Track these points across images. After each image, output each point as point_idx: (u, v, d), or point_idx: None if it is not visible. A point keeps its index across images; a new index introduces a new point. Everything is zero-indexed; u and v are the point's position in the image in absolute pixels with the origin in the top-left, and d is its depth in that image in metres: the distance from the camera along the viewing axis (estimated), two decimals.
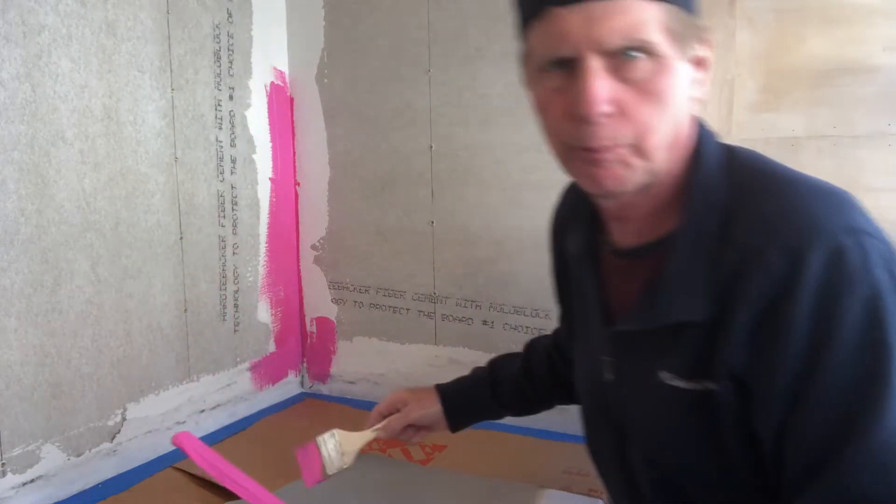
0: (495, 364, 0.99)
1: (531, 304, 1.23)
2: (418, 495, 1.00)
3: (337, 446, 0.89)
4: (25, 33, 0.93)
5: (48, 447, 0.99)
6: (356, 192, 1.37)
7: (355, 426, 1.23)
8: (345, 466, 0.89)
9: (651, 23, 0.54)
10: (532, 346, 0.99)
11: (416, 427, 0.94)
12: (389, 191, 1.34)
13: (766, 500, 0.57)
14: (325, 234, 1.42)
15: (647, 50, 0.54)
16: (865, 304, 0.51)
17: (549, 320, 1.21)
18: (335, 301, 1.43)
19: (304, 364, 1.48)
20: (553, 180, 1.17)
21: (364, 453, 1.15)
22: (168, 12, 1.13)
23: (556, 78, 0.58)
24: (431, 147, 1.29)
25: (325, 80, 1.38)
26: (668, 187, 0.61)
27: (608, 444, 0.72)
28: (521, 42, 0.62)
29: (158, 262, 1.13)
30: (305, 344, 1.48)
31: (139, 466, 1.10)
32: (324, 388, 1.47)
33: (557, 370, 0.96)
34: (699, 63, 0.59)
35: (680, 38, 0.56)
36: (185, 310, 1.19)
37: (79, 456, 1.03)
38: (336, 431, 0.89)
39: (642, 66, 0.55)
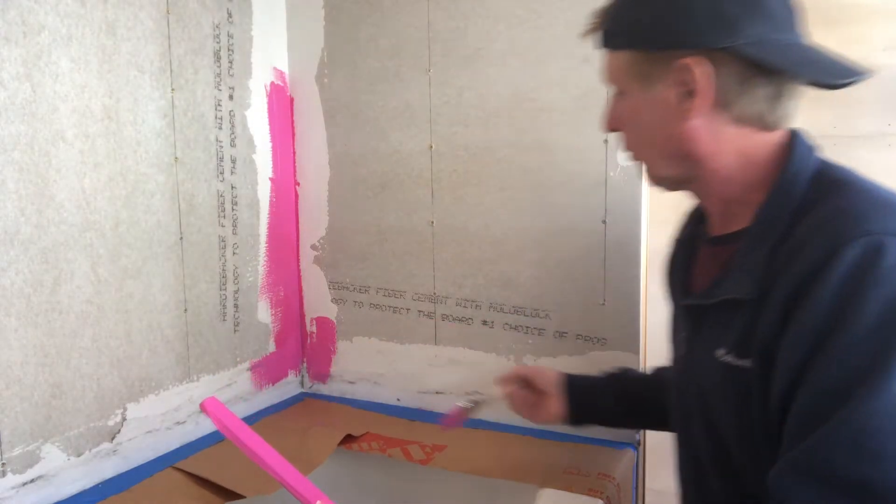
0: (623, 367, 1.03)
1: (531, 304, 1.23)
2: (418, 495, 1.00)
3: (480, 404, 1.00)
4: (25, 33, 0.93)
5: (48, 447, 0.99)
6: (356, 192, 1.37)
7: (356, 426, 1.24)
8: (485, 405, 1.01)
9: (615, 68, 0.72)
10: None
11: (531, 389, 0.99)
12: (389, 191, 1.34)
13: None
14: (325, 234, 1.42)
15: (616, 87, 0.74)
16: (887, 303, 0.55)
17: (548, 320, 1.21)
18: (335, 301, 1.43)
19: (304, 364, 1.48)
20: (553, 180, 1.18)
21: (364, 453, 1.15)
22: (168, 12, 1.13)
23: None
24: (431, 147, 1.29)
25: (325, 80, 1.38)
26: (731, 187, 0.70)
27: (682, 419, 0.78)
28: None
29: (158, 262, 1.13)
30: (305, 344, 1.48)
31: (139, 466, 1.10)
32: (324, 388, 1.47)
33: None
34: (682, 85, 0.67)
35: (637, 75, 0.70)
36: (185, 310, 1.19)
37: (79, 456, 1.03)
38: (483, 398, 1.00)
39: (619, 100, 0.74)
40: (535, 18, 1.17)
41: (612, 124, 0.77)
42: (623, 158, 1.12)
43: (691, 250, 0.81)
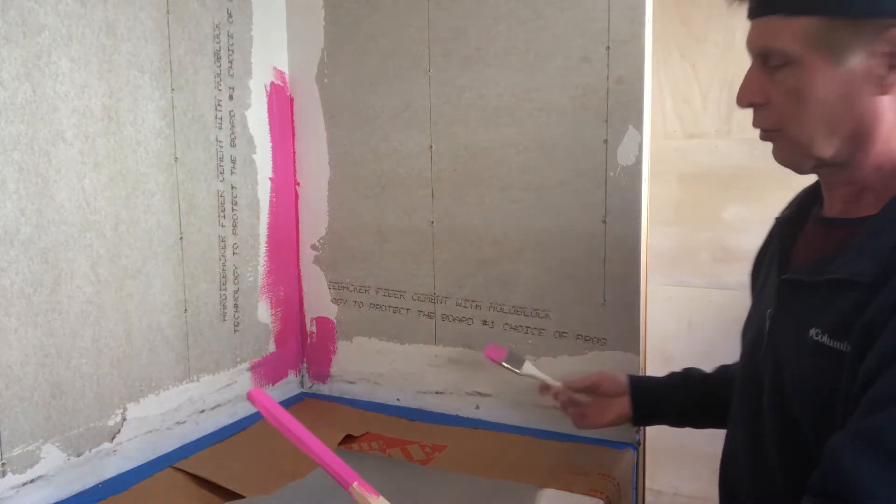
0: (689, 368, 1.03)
1: (531, 304, 1.23)
2: (418, 495, 1.00)
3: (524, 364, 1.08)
4: (25, 33, 0.93)
5: (48, 447, 0.99)
6: (356, 192, 1.37)
7: (355, 426, 1.24)
8: (517, 370, 1.07)
9: (787, 34, 0.65)
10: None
11: (595, 393, 1.02)
12: (389, 191, 1.34)
13: None
14: (325, 234, 1.42)
15: (783, 56, 0.66)
16: None
17: (548, 320, 1.21)
18: (335, 301, 1.43)
19: (304, 364, 1.48)
20: (553, 180, 1.18)
21: (364, 453, 1.15)
22: (168, 12, 1.13)
23: None
24: (431, 147, 1.29)
25: (325, 80, 1.38)
26: (867, 174, 0.67)
27: (747, 400, 0.76)
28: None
29: (158, 262, 1.14)
30: (305, 344, 1.48)
31: (139, 466, 1.10)
32: (324, 388, 1.47)
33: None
34: (889, 57, 0.63)
35: (825, 43, 0.64)
36: (185, 310, 1.19)
37: (79, 456, 1.03)
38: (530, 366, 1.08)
39: (783, 70, 0.67)
40: (535, 18, 1.17)
41: (757, 96, 0.70)
42: (627, 154, 1.12)
43: (796, 228, 0.77)
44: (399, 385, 1.38)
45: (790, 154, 0.70)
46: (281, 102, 1.39)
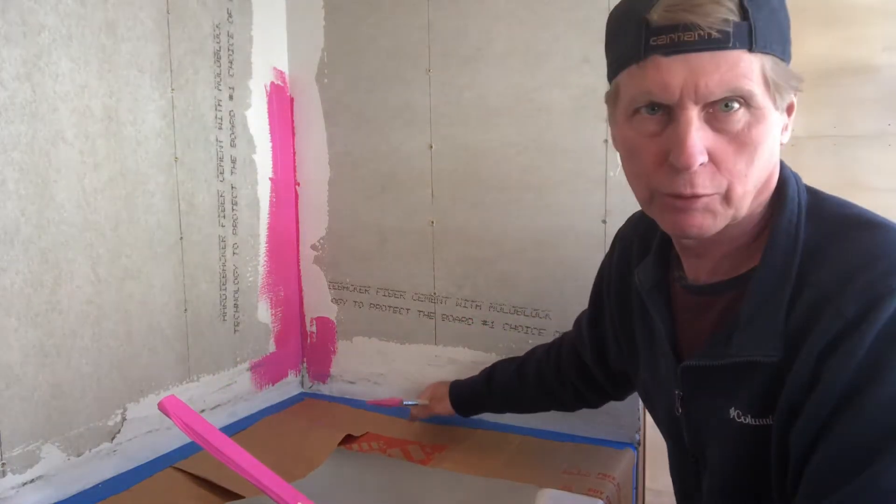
0: (497, 365, 1.14)
1: (531, 304, 1.23)
2: (418, 495, 1.00)
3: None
4: (25, 33, 0.93)
5: (48, 447, 0.99)
6: (356, 192, 1.37)
7: (356, 426, 1.24)
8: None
9: (751, 74, 0.55)
10: (531, 351, 1.11)
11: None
12: (389, 191, 1.34)
13: None
14: (325, 234, 1.42)
15: (745, 101, 0.56)
16: None
17: (548, 320, 1.21)
18: (335, 301, 1.43)
19: (304, 364, 1.48)
20: (553, 180, 1.18)
21: (364, 453, 1.15)
22: (168, 12, 1.13)
23: (649, 123, 0.59)
24: (431, 147, 1.29)
25: (325, 80, 1.38)
26: (750, 228, 0.63)
27: (687, 472, 0.74)
28: (611, 80, 0.63)
29: (158, 262, 1.13)
30: (305, 344, 1.48)
31: (139, 466, 1.10)
32: (324, 388, 1.47)
33: (544, 376, 1.04)
34: (789, 109, 0.60)
35: (776, 88, 0.57)
36: (185, 310, 1.19)
37: (79, 456, 1.03)
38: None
39: (739, 117, 0.56)
40: (535, 18, 1.17)
41: (705, 153, 0.57)
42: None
43: (667, 298, 0.72)
44: (399, 385, 1.38)
45: (715, 222, 0.59)
46: (281, 102, 1.39)
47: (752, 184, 0.58)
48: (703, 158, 0.57)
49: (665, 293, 0.72)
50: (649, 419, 1.14)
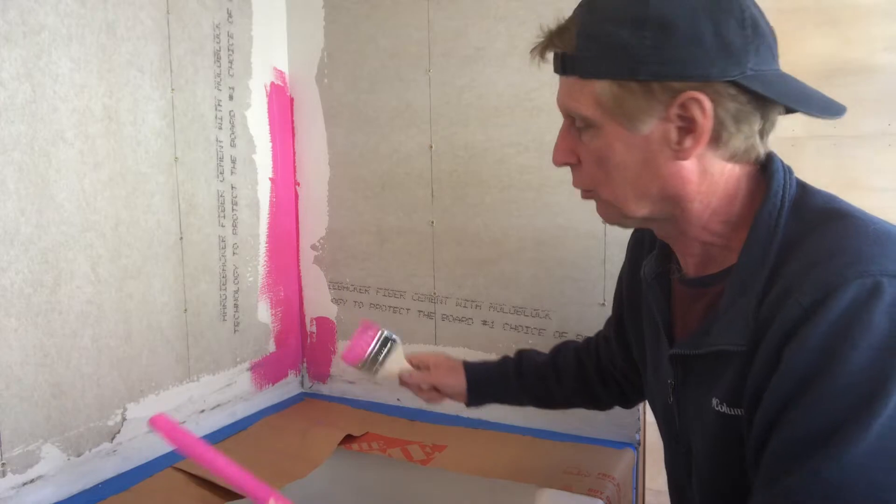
0: (523, 352, 1.04)
1: (531, 304, 1.23)
2: (418, 495, 1.00)
3: (389, 353, 0.98)
4: (25, 33, 0.93)
5: (48, 447, 0.99)
6: (356, 192, 1.37)
7: (356, 426, 1.24)
8: (373, 374, 0.99)
9: (582, 98, 0.63)
10: (562, 345, 1.04)
11: (437, 390, 1.02)
12: (389, 191, 1.34)
13: None
14: (325, 234, 1.42)
15: (583, 121, 0.64)
16: (875, 351, 0.51)
17: (548, 320, 1.21)
18: (335, 301, 1.43)
19: (304, 364, 1.48)
20: (553, 180, 1.18)
21: (364, 453, 1.15)
22: (168, 12, 1.13)
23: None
24: (431, 147, 1.29)
25: (325, 80, 1.38)
26: (717, 226, 0.65)
27: (679, 464, 0.75)
28: None
29: (158, 262, 1.13)
30: (305, 344, 1.48)
31: (139, 466, 1.10)
32: (324, 388, 1.47)
33: (585, 371, 0.99)
34: (690, 121, 0.60)
35: (619, 108, 0.61)
36: (185, 310, 1.19)
37: (79, 456, 1.03)
38: (399, 344, 1.00)
39: (586, 132, 0.65)
40: (536, 18, 1.17)
41: (566, 158, 0.68)
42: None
43: (666, 289, 0.74)
44: (399, 384, 1.38)
45: (609, 214, 0.69)
46: (281, 102, 1.39)
47: (617, 188, 0.65)
48: (568, 159, 0.68)
49: (665, 285, 0.75)
50: (649, 419, 1.14)
